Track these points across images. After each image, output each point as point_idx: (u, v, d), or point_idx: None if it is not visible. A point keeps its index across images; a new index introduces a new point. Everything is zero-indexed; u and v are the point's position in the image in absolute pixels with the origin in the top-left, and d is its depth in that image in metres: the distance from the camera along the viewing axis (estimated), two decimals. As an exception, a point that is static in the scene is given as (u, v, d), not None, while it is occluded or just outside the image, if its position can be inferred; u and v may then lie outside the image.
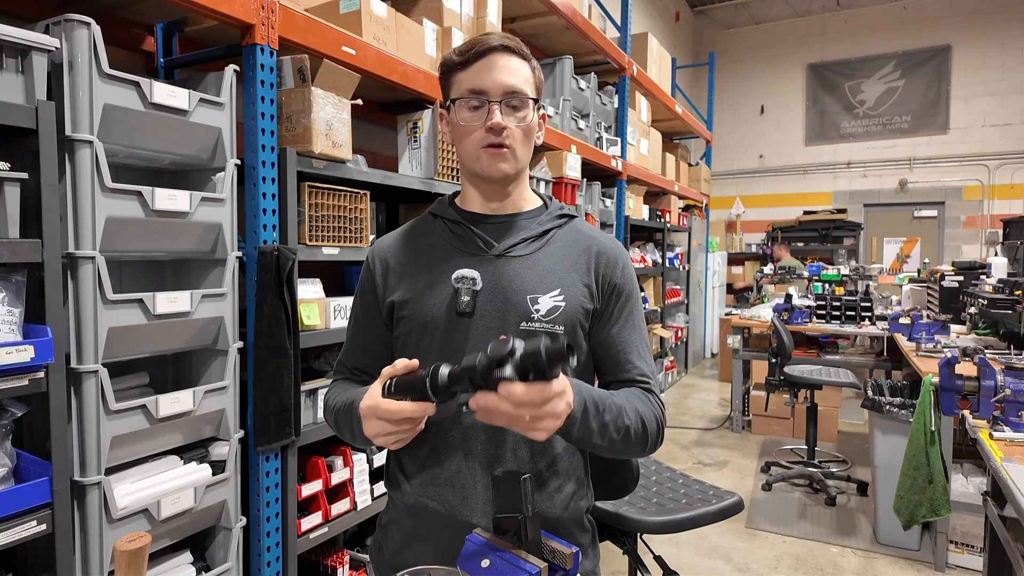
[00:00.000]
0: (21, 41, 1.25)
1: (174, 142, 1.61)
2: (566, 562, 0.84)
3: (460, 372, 0.78)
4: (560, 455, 1.04)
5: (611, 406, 0.92)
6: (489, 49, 0.98)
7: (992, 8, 8.25)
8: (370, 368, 1.12)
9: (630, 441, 0.95)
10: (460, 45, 1.01)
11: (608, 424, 0.91)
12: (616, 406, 0.93)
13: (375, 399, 0.86)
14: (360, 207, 2.16)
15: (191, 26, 2.04)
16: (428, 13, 2.61)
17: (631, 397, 0.99)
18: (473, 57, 0.98)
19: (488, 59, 0.98)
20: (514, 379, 0.74)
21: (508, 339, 0.75)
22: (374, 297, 1.08)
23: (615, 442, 0.93)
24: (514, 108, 0.99)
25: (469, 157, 1.01)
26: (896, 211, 8.93)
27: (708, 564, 2.92)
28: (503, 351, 0.74)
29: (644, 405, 0.99)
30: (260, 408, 1.78)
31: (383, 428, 0.86)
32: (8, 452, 1.30)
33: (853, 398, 5.74)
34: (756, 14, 9.55)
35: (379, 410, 0.85)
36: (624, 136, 4.67)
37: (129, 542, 0.82)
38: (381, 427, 0.86)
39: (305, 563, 2.21)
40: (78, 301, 1.38)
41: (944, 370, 2.07)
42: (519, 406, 0.75)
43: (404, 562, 1.00)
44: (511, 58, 0.99)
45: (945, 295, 3.96)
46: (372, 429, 0.88)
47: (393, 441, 0.88)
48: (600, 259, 1.05)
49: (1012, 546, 1.78)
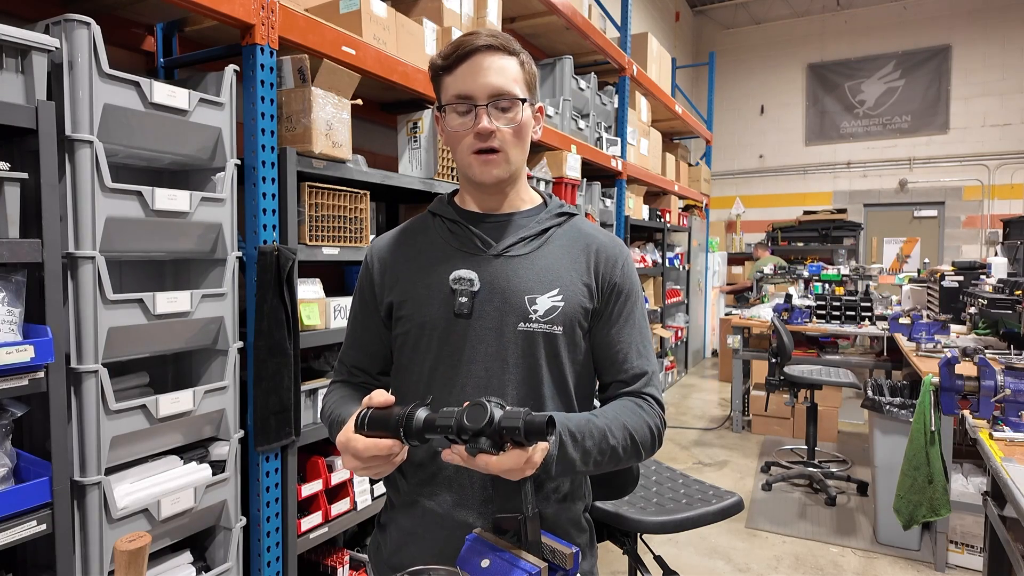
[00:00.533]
0: (21, 41, 1.25)
1: (174, 142, 1.61)
2: (566, 562, 0.84)
3: (436, 425, 0.78)
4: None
5: (592, 431, 0.92)
6: (473, 50, 0.95)
7: (992, 8, 8.25)
8: (369, 366, 1.12)
9: (619, 459, 0.95)
10: (445, 47, 0.98)
11: (591, 450, 0.91)
12: (599, 429, 0.93)
13: (347, 434, 0.85)
14: (360, 207, 2.16)
15: (191, 26, 2.04)
16: (428, 13, 2.61)
17: (620, 412, 0.98)
18: (456, 60, 0.96)
19: (472, 61, 0.95)
20: (490, 451, 0.76)
21: (486, 406, 0.75)
22: (372, 296, 1.08)
23: (602, 464, 0.94)
24: (503, 110, 0.97)
25: (462, 163, 1.01)
26: (896, 211, 8.93)
27: (708, 564, 2.92)
28: (480, 422, 0.74)
29: (634, 417, 0.98)
30: (260, 408, 1.78)
31: (354, 464, 0.85)
32: (8, 452, 1.30)
33: (853, 398, 5.74)
34: (756, 14, 9.55)
35: (349, 447, 0.84)
36: (624, 136, 4.67)
37: (129, 542, 0.82)
38: (353, 463, 0.85)
39: (305, 563, 2.21)
40: (78, 301, 1.38)
41: (944, 370, 2.07)
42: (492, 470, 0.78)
43: (402, 561, 1.01)
44: (496, 57, 0.96)
45: (945, 295, 3.96)
46: (347, 464, 0.86)
47: (372, 475, 0.87)
48: (600, 257, 1.04)
49: (1012, 546, 1.78)
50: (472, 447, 0.76)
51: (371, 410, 0.83)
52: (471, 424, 0.75)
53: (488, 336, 0.98)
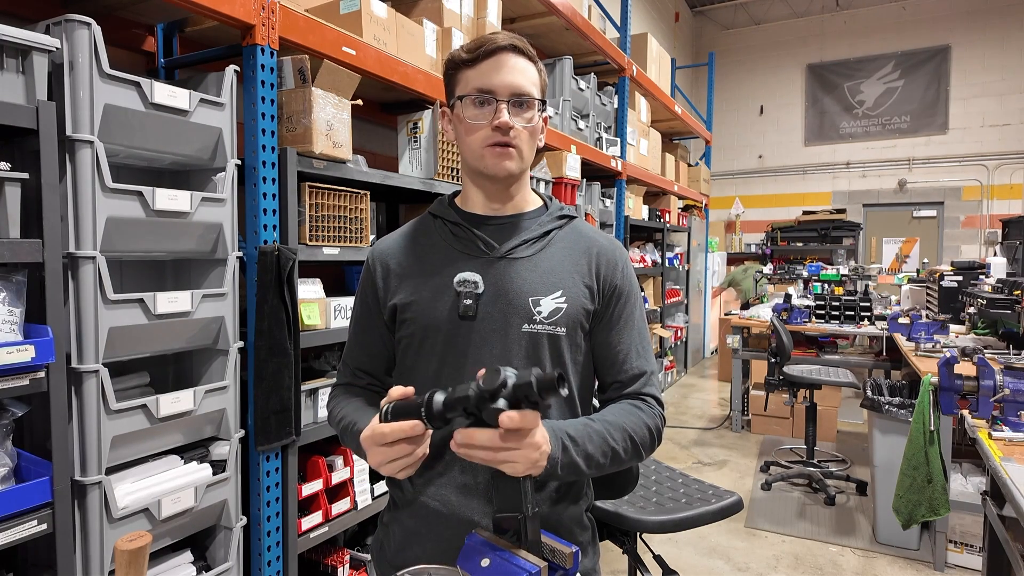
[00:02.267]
0: (22, 41, 1.25)
1: (175, 142, 1.61)
2: (566, 561, 0.84)
3: (454, 400, 0.80)
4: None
5: (591, 435, 0.94)
6: (498, 48, 0.98)
7: (991, 9, 8.26)
8: (372, 368, 1.12)
9: (621, 460, 0.97)
10: (468, 43, 1.01)
11: (593, 454, 0.93)
12: (598, 433, 0.94)
13: (372, 427, 0.86)
14: (360, 207, 2.16)
15: (191, 26, 2.04)
16: (428, 14, 2.61)
17: (618, 415, 0.99)
18: (483, 55, 0.98)
19: (497, 58, 0.98)
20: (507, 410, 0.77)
21: (499, 370, 0.77)
22: (375, 299, 1.08)
23: (604, 466, 0.95)
24: (521, 108, 0.99)
25: (473, 155, 1.01)
26: (895, 211, 8.94)
27: (707, 563, 2.92)
28: (495, 383, 0.76)
29: (632, 418, 0.99)
30: (260, 408, 1.78)
31: (384, 455, 0.85)
32: (9, 452, 1.30)
33: (852, 398, 5.74)
34: (755, 15, 9.56)
35: (375, 435, 0.85)
36: (624, 136, 4.67)
37: (130, 541, 0.82)
38: (382, 454, 0.85)
39: (305, 562, 2.21)
40: (79, 301, 1.38)
41: (943, 370, 2.07)
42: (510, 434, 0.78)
43: (405, 560, 1.01)
44: (519, 59, 0.99)
45: (944, 295, 3.96)
46: (375, 459, 0.87)
47: (399, 468, 0.86)
48: (600, 260, 1.06)
49: (1011, 545, 1.78)
50: (489, 411, 0.77)
51: (393, 403, 0.86)
52: (487, 386, 0.77)
53: (493, 337, 0.99)
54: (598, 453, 0.93)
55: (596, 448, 0.93)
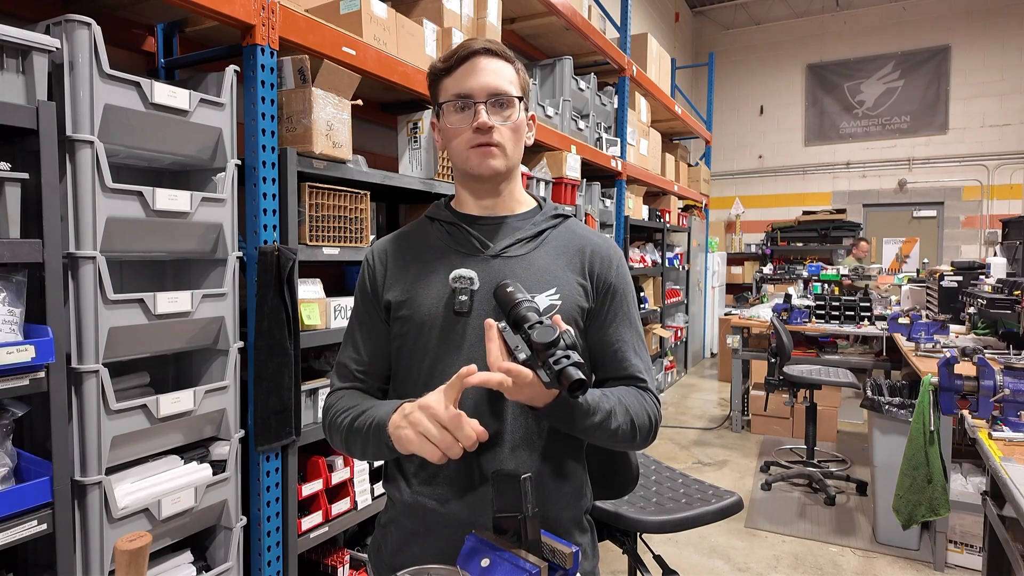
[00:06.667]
0: (22, 41, 1.25)
1: (175, 142, 1.61)
2: (566, 561, 0.84)
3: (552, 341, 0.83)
4: (559, 455, 1.04)
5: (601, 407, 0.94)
6: (472, 52, 1.00)
7: (991, 8, 8.25)
8: (369, 367, 1.11)
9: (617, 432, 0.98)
10: (444, 53, 1.04)
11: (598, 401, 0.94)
12: (604, 410, 0.95)
13: (427, 399, 0.87)
14: (360, 207, 2.16)
15: (191, 27, 2.04)
16: (428, 14, 2.61)
17: (624, 396, 1.00)
18: (456, 62, 1.01)
19: (471, 62, 1.00)
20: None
21: (554, 328, 0.83)
22: (373, 295, 1.09)
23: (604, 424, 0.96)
24: (500, 107, 1.01)
25: (459, 158, 1.03)
26: (895, 211, 8.94)
27: (707, 563, 2.92)
28: (552, 336, 0.82)
29: (635, 403, 1.01)
30: (261, 408, 1.78)
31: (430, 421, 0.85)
32: (9, 452, 1.30)
33: (852, 398, 5.74)
34: (756, 15, 9.56)
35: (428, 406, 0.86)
36: (624, 136, 4.67)
37: (130, 541, 0.82)
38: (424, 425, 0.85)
39: (305, 562, 2.21)
40: (79, 301, 1.38)
41: (943, 370, 2.07)
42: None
43: (403, 561, 1.01)
44: (494, 60, 1.01)
45: (944, 295, 3.96)
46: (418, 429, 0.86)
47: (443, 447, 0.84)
48: (594, 258, 1.06)
49: (1011, 546, 1.78)
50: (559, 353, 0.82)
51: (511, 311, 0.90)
52: (569, 340, 0.84)
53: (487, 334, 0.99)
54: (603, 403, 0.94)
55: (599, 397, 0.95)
